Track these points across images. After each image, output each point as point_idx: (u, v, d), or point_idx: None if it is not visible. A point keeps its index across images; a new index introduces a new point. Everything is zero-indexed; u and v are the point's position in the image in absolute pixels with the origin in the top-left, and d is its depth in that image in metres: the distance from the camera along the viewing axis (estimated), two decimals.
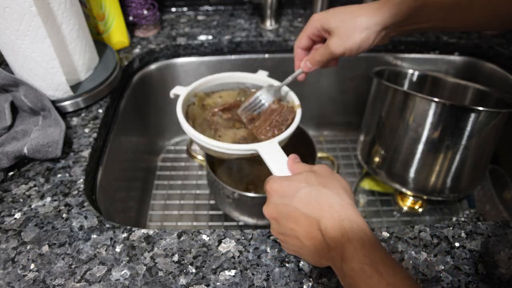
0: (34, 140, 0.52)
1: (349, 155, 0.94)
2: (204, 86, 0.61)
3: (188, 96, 0.58)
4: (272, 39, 0.82)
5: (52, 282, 0.40)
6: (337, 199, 0.35)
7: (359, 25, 0.48)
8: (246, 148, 0.49)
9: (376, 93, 0.74)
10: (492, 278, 0.40)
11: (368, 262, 0.30)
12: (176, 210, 0.82)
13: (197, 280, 0.40)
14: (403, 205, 0.82)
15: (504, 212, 0.74)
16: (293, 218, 0.36)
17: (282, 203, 0.37)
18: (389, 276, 0.29)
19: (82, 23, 0.62)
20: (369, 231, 0.33)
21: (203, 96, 0.61)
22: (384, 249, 0.32)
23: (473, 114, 0.61)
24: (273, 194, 0.38)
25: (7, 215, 0.47)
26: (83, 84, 0.63)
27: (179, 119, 0.53)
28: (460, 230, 0.45)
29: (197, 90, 0.60)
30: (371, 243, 0.31)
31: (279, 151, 0.47)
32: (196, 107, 0.59)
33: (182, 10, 0.93)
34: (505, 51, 0.79)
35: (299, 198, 0.36)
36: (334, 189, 0.36)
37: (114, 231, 0.45)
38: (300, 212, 0.35)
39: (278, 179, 0.39)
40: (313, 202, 0.35)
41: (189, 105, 0.58)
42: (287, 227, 0.36)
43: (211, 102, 0.60)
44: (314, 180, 0.37)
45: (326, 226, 0.33)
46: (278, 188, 0.38)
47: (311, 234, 0.35)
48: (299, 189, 0.36)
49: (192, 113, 0.57)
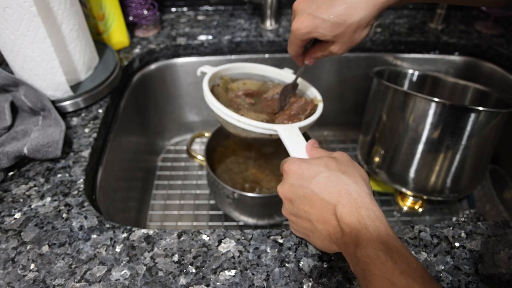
0: (34, 140, 0.52)
1: (349, 155, 0.94)
2: (231, 72, 0.62)
3: (214, 77, 0.59)
4: (272, 39, 0.82)
5: (52, 282, 0.40)
6: (355, 186, 0.35)
7: (357, 27, 0.45)
8: (267, 127, 0.49)
9: (376, 93, 0.74)
10: (492, 278, 0.40)
11: (383, 249, 0.30)
12: (176, 210, 0.82)
13: (197, 280, 0.40)
14: (403, 205, 0.82)
15: (504, 212, 0.74)
16: (308, 201, 0.36)
17: (299, 185, 0.37)
18: (403, 264, 0.29)
19: (82, 23, 0.62)
20: (385, 221, 0.33)
21: (228, 80, 0.62)
22: (399, 239, 0.32)
23: (473, 114, 0.61)
24: (291, 175, 0.39)
25: (7, 215, 0.47)
26: (83, 84, 0.63)
27: (204, 91, 0.53)
28: (460, 230, 0.45)
29: (223, 73, 0.61)
30: (387, 232, 0.32)
31: (298, 135, 0.48)
32: (220, 88, 0.60)
33: (182, 10, 0.93)
34: (505, 51, 0.79)
35: (318, 181, 0.36)
36: (353, 177, 0.36)
37: (114, 231, 0.45)
38: (317, 195, 0.36)
39: (297, 161, 0.39)
40: (331, 187, 0.35)
41: (213, 85, 0.59)
42: (300, 209, 0.37)
43: (235, 87, 0.61)
44: (334, 166, 0.37)
45: (342, 212, 0.33)
46: (297, 170, 0.38)
47: (325, 218, 0.35)
48: (318, 172, 0.37)
49: (216, 93, 0.58)
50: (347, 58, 0.85)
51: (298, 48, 0.50)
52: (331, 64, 0.87)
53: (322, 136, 1.00)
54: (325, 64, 0.86)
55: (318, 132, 1.00)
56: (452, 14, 0.92)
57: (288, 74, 0.64)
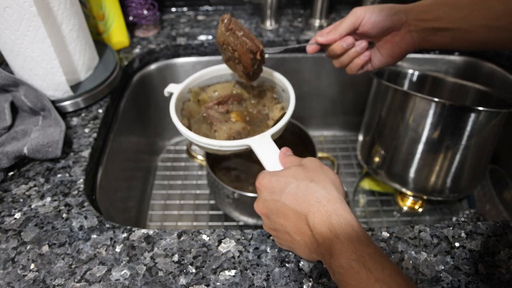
0: (34, 140, 0.52)
1: (349, 155, 0.94)
2: (198, 81, 0.60)
3: (183, 93, 0.58)
4: (272, 39, 0.82)
5: (52, 282, 0.40)
6: (324, 193, 0.35)
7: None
8: (239, 144, 0.48)
9: (376, 93, 0.74)
10: (492, 278, 0.40)
11: (356, 258, 0.30)
12: (176, 210, 0.82)
13: (197, 280, 0.40)
14: (403, 205, 0.82)
15: (504, 212, 0.74)
16: (282, 214, 0.36)
17: (271, 199, 0.37)
18: (377, 271, 0.29)
19: (82, 23, 0.62)
20: (356, 226, 0.32)
21: (198, 91, 0.60)
22: (373, 244, 0.32)
23: (473, 114, 0.61)
24: (263, 190, 0.39)
25: (7, 215, 0.47)
26: (83, 84, 0.63)
27: (172, 119, 0.52)
28: (460, 230, 0.45)
29: (191, 85, 0.59)
30: (359, 239, 0.31)
31: (270, 144, 0.47)
32: (192, 103, 0.58)
33: (182, 10, 0.93)
34: (505, 51, 0.79)
35: (288, 193, 0.36)
36: (322, 183, 0.36)
37: (114, 231, 0.45)
38: (289, 207, 0.35)
39: (267, 175, 0.39)
40: (301, 197, 0.35)
41: (184, 101, 0.58)
42: (277, 223, 0.37)
43: (206, 97, 0.59)
44: (302, 175, 0.37)
45: (314, 221, 0.33)
46: (267, 184, 0.38)
47: (301, 229, 0.35)
48: (287, 184, 0.37)
49: (188, 110, 0.57)
50: None
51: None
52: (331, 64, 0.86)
53: (322, 137, 1.00)
54: (325, 64, 0.86)
55: (318, 132, 1.00)
56: None
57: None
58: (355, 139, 0.98)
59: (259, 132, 0.52)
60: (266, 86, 0.61)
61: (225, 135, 0.53)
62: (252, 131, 0.54)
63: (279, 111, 0.56)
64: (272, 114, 0.56)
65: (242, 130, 0.54)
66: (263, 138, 0.48)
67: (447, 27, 0.48)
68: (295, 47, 0.56)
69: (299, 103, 0.98)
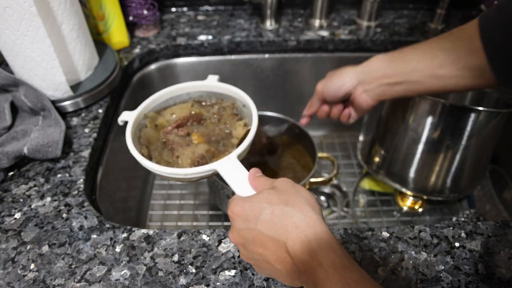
0: (34, 140, 0.52)
1: (349, 155, 0.94)
2: (153, 105, 0.56)
3: (138, 119, 0.53)
4: (272, 39, 0.82)
5: (52, 282, 0.40)
6: (301, 217, 0.33)
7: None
8: (204, 170, 0.44)
9: None
10: (492, 278, 0.40)
11: (342, 287, 0.29)
12: (176, 210, 0.82)
13: (197, 280, 0.40)
14: (403, 205, 0.82)
15: (504, 212, 0.74)
16: (260, 243, 0.34)
17: (246, 228, 0.35)
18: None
19: (82, 23, 0.62)
20: (339, 250, 0.31)
21: (154, 115, 0.56)
22: (357, 267, 0.30)
23: (473, 114, 0.61)
24: (236, 219, 0.36)
25: (7, 215, 0.47)
26: (83, 84, 0.63)
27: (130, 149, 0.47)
28: (460, 230, 0.45)
29: (146, 110, 0.55)
30: (342, 264, 0.30)
31: (238, 167, 0.43)
32: (149, 129, 0.54)
33: (182, 10, 0.93)
34: None
35: (263, 220, 0.34)
36: (297, 205, 0.34)
37: (114, 231, 0.45)
38: (266, 235, 0.33)
39: (239, 201, 0.37)
40: (277, 223, 0.33)
41: (141, 128, 0.53)
42: (255, 252, 0.35)
43: (164, 121, 0.55)
44: (276, 199, 0.35)
45: (293, 248, 0.32)
46: (240, 212, 0.36)
47: (281, 257, 0.33)
48: (261, 210, 0.34)
49: (146, 137, 0.53)
50: (347, 58, 0.85)
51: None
52: (332, 64, 0.87)
53: (322, 137, 1.00)
54: (326, 64, 0.86)
55: (318, 132, 1.00)
56: (452, 14, 0.92)
57: (213, 82, 0.57)
58: (355, 139, 0.98)
59: (224, 152, 0.49)
60: (225, 103, 0.57)
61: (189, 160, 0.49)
62: (217, 152, 0.51)
63: (242, 128, 0.53)
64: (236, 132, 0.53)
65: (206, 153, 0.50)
66: (229, 161, 0.44)
67: (398, 81, 0.53)
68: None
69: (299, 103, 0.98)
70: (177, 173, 0.45)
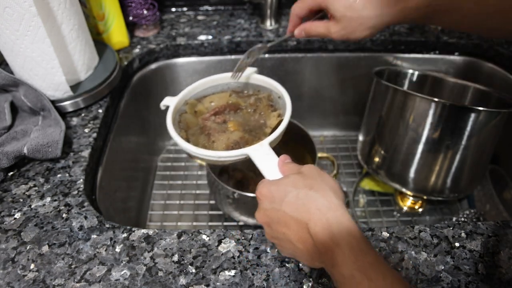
0: (34, 140, 0.52)
1: (349, 155, 0.94)
2: (194, 92, 0.60)
3: (179, 105, 0.58)
4: (272, 39, 0.82)
5: (52, 282, 0.40)
6: (324, 201, 0.35)
7: (365, 23, 0.48)
8: (237, 154, 0.48)
9: (376, 93, 0.74)
10: (492, 278, 0.40)
11: (357, 268, 0.30)
12: (176, 210, 0.82)
13: (197, 280, 0.40)
14: (403, 205, 0.82)
15: (504, 212, 0.74)
16: (283, 223, 0.36)
17: (271, 208, 0.37)
18: (378, 281, 0.29)
19: (82, 23, 0.62)
20: (357, 234, 0.32)
21: (194, 102, 0.60)
22: (373, 252, 0.32)
23: (473, 114, 0.61)
24: (263, 200, 0.39)
25: (7, 215, 0.47)
26: (83, 84, 0.63)
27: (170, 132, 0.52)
28: (460, 230, 0.45)
29: (187, 97, 0.59)
30: (360, 248, 0.31)
31: (269, 153, 0.47)
32: (189, 114, 0.58)
33: (182, 10, 0.93)
34: (505, 51, 0.79)
35: (287, 202, 0.36)
36: (321, 190, 0.36)
37: (114, 231, 0.45)
38: (289, 216, 0.35)
39: (266, 184, 0.39)
40: (300, 205, 0.35)
41: (181, 114, 0.58)
42: (279, 232, 0.37)
43: (203, 108, 0.59)
44: (301, 183, 0.37)
45: (315, 230, 0.33)
46: (267, 194, 0.38)
47: (303, 237, 0.35)
48: (287, 193, 0.36)
49: (185, 122, 0.57)
50: (347, 58, 0.85)
51: (306, 7, 0.52)
52: (331, 64, 0.87)
53: (322, 137, 1.00)
54: (325, 64, 0.86)
55: (318, 132, 1.00)
56: None
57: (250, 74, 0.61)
58: (355, 139, 0.98)
59: (257, 140, 0.52)
60: (261, 94, 0.61)
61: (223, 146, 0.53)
62: (250, 140, 0.54)
63: (276, 118, 0.56)
64: (269, 122, 0.56)
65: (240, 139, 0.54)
66: (261, 147, 0.48)
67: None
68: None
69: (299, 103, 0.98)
70: (212, 155, 0.48)
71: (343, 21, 0.49)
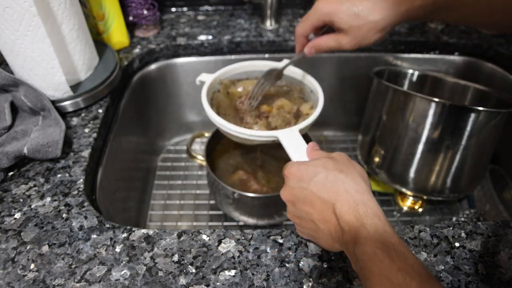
0: (34, 140, 0.52)
1: (349, 155, 0.93)
2: (230, 74, 0.62)
3: (214, 83, 0.60)
4: (272, 39, 0.82)
5: (52, 282, 0.40)
6: (353, 184, 0.36)
7: (374, 27, 0.48)
8: (267, 134, 0.50)
9: (376, 93, 0.74)
10: (492, 278, 0.40)
11: (381, 247, 0.30)
12: (176, 210, 0.82)
13: (197, 280, 0.40)
14: (403, 205, 0.82)
15: (504, 212, 0.74)
16: (309, 202, 0.37)
17: (299, 187, 0.38)
18: (400, 261, 0.30)
19: (82, 23, 0.62)
20: (383, 217, 0.33)
21: (228, 83, 0.62)
22: (397, 236, 0.32)
23: (473, 114, 0.61)
24: (291, 178, 0.39)
25: (7, 215, 0.47)
26: (83, 84, 0.63)
27: (204, 106, 0.54)
28: (460, 230, 0.45)
29: (222, 77, 0.61)
30: (384, 229, 0.32)
31: (298, 138, 0.48)
32: (221, 94, 0.60)
33: (182, 10, 0.93)
34: (505, 51, 0.79)
35: (316, 182, 0.37)
36: (350, 175, 0.37)
37: (114, 231, 0.45)
38: (316, 195, 0.36)
39: (296, 164, 0.40)
40: (329, 186, 0.36)
41: (214, 92, 0.60)
42: (302, 210, 0.37)
43: (236, 91, 0.62)
44: (331, 166, 0.38)
45: (341, 210, 0.34)
46: (296, 172, 0.39)
47: (326, 217, 0.35)
48: (316, 173, 0.37)
49: (217, 100, 0.59)
50: (347, 58, 0.85)
51: (310, 27, 0.52)
52: (331, 64, 0.87)
53: (322, 136, 1.00)
54: (325, 64, 0.86)
55: (318, 132, 1.00)
56: None
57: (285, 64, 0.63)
58: (355, 139, 0.98)
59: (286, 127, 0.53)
60: (294, 86, 0.63)
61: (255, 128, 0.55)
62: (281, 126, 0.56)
63: (308, 109, 0.59)
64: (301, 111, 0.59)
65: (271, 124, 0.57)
66: (291, 132, 0.49)
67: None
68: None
69: None
70: (244, 133, 0.50)
71: (352, 31, 0.48)
